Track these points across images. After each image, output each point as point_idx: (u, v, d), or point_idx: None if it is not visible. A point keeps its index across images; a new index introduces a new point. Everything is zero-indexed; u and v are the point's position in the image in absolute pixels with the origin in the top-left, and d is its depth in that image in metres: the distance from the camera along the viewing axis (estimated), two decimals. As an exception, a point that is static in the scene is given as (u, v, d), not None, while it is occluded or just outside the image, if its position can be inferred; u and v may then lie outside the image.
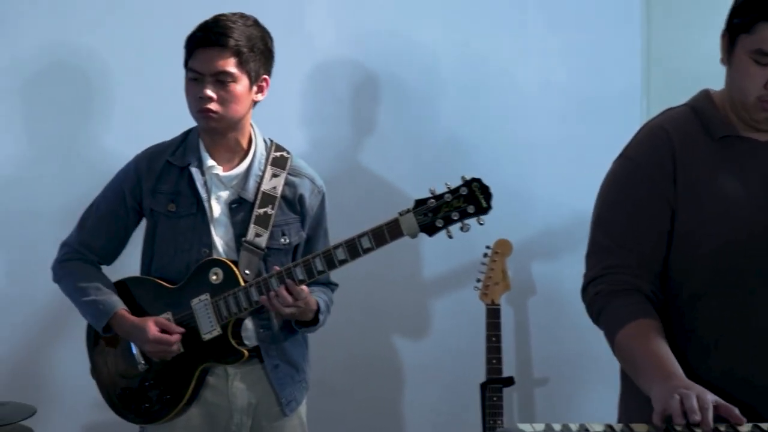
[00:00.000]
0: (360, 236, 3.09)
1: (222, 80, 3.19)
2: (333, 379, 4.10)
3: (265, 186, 3.28)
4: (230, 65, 3.19)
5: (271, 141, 3.36)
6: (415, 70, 4.17)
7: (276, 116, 3.46)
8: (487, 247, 3.99)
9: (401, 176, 4.18)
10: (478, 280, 3.98)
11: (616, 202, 2.68)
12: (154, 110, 3.98)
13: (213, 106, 3.20)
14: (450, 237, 3.05)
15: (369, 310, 4.22)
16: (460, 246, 3.33)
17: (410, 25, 4.16)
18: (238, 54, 3.19)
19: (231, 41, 3.18)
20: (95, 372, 3.40)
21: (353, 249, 3.10)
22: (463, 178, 3.04)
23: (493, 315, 3.94)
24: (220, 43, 3.17)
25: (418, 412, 4.28)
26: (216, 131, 3.26)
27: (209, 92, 3.19)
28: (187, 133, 3.35)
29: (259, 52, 3.23)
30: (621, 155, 2.72)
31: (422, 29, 4.16)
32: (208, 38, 3.18)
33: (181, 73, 3.29)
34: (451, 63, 4.18)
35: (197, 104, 3.21)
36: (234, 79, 3.20)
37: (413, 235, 3.07)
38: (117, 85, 4.06)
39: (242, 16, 3.25)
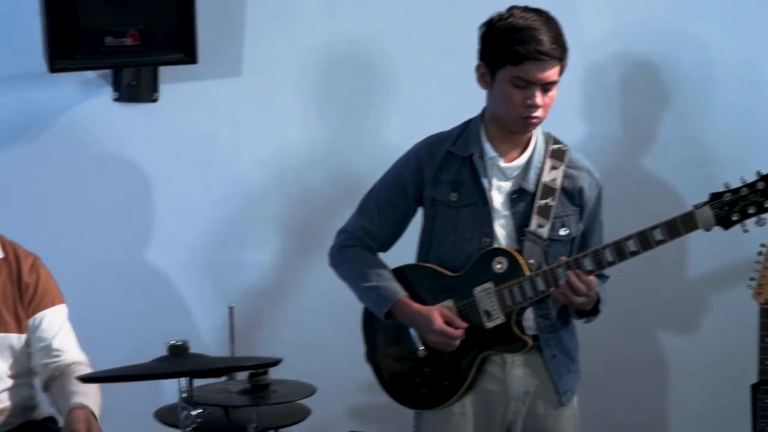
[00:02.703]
0: (652, 228, 3.10)
1: (548, 88, 3.23)
2: (598, 374, 4.07)
3: (545, 178, 3.30)
4: (556, 74, 3.24)
5: (549, 134, 3.38)
6: (688, 65, 4.12)
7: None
8: (762, 245, 3.88)
9: (670, 172, 4.15)
10: (752, 279, 3.89)
11: None
12: (433, 101, 4.05)
13: (539, 113, 3.24)
14: (746, 231, 3.05)
15: (635, 306, 4.19)
16: (728, 243, 3.29)
17: (683, 18, 4.11)
18: (561, 61, 3.23)
19: (560, 52, 3.20)
20: (371, 357, 3.46)
21: (645, 241, 3.11)
22: (758, 173, 3.05)
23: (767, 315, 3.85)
24: (552, 56, 3.19)
25: (684, 412, 4.23)
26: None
27: (540, 101, 3.22)
28: (467, 123, 3.38)
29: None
30: None
31: (696, 22, 4.10)
32: (539, 52, 3.17)
33: (462, 64, 3.33)
34: (725, 57, 4.11)
35: (524, 111, 3.23)
36: (556, 83, 3.25)
37: (708, 228, 3.08)
38: (398, 75, 4.14)
39: (548, 18, 3.23)
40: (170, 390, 3.37)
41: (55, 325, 3.41)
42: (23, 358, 3.40)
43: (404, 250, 3.45)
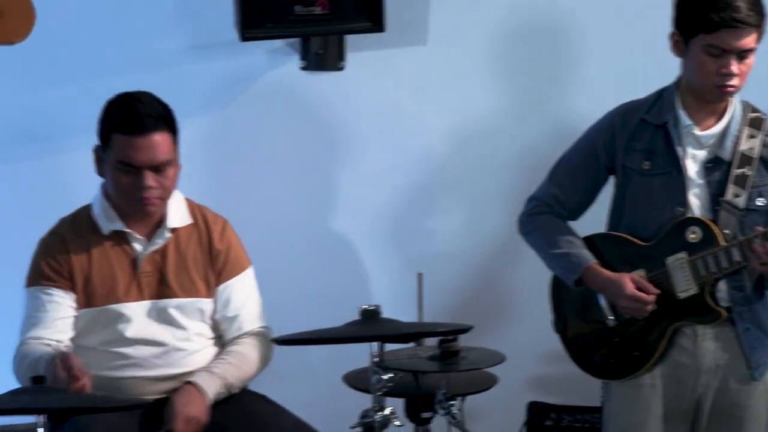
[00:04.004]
0: None
1: (744, 56, 3.17)
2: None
3: (743, 146, 3.24)
4: (753, 41, 3.17)
5: (746, 102, 3.31)
6: None
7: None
8: None
9: None
10: None
11: None
12: (621, 70, 4.00)
13: (735, 81, 3.18)
14: None
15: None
16: None
17: None
18: (759, 27, 3.17)
19: (757, 18, 3.14)
20: (559, 325, 3.45)
21: None
22: None
23: None
24: (749, 23, 3.13)
25: None
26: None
27: (735, 69, 3.16)
28: (661, 92, 3.33)
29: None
30: None
31: None
32: (735, 19, 3.11)
33: (653, 32, 3.27)
34: None
35: (719, 80, 3.17)
36: (753, 50, 3.18)
37: None
38: (585, 44, 4.10)
39: None
40: (357, 354, 3.41)
41: (242, 295, 3.40)
42: (214, 320, 3.44)
43: (594, 219, 3.43)
